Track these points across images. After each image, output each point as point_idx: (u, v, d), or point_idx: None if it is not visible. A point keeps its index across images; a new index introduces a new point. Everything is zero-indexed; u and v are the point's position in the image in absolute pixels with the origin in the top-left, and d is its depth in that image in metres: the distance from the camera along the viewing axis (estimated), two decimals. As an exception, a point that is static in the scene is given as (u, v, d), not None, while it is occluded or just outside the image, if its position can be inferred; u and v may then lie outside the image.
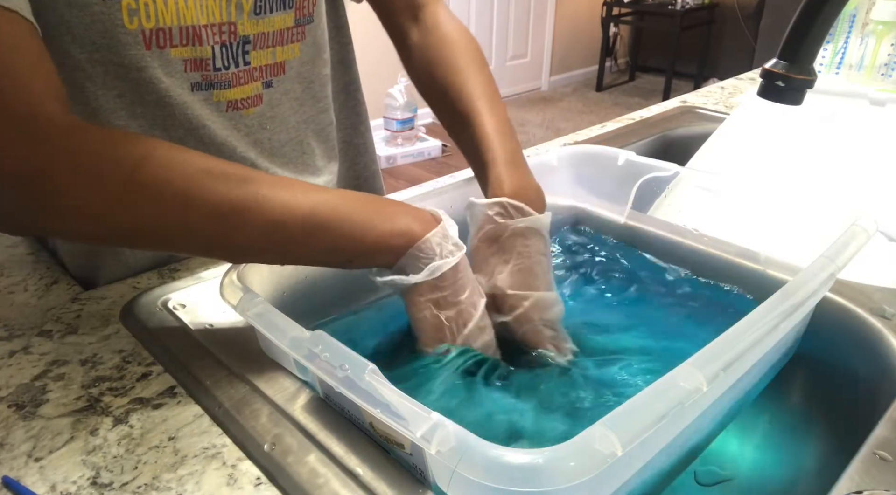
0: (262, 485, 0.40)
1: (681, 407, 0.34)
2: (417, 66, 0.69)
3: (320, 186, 0.48)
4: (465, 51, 0.66)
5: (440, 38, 0.67)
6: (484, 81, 0.63)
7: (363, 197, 0.48)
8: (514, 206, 0.53)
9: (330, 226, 0.45)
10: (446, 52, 0.66)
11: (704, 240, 0.65)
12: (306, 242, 0.45)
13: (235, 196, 0.43)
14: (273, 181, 0.45)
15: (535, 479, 0.30)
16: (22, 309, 0.58)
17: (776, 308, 0.42)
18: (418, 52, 0.69)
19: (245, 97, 0.64)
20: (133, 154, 0.41)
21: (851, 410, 0.57)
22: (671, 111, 1.14)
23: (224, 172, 0.43)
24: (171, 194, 0.42)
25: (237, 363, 0.49)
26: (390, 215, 0.47)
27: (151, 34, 0.55)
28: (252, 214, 0.43)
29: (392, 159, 3.39)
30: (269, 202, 0.44)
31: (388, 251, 0.47)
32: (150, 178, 0.41)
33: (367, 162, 0.85)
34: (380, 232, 0.46)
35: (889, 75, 1.14)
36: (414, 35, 0.69)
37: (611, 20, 4.63)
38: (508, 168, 0.56)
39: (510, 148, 0.58)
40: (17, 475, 0.40)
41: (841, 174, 0.80)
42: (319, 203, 0.45)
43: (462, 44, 0.67)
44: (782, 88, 0.51)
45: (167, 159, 0.42)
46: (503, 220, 0.53)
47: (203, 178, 0.42)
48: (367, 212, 0.46)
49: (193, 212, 0.42)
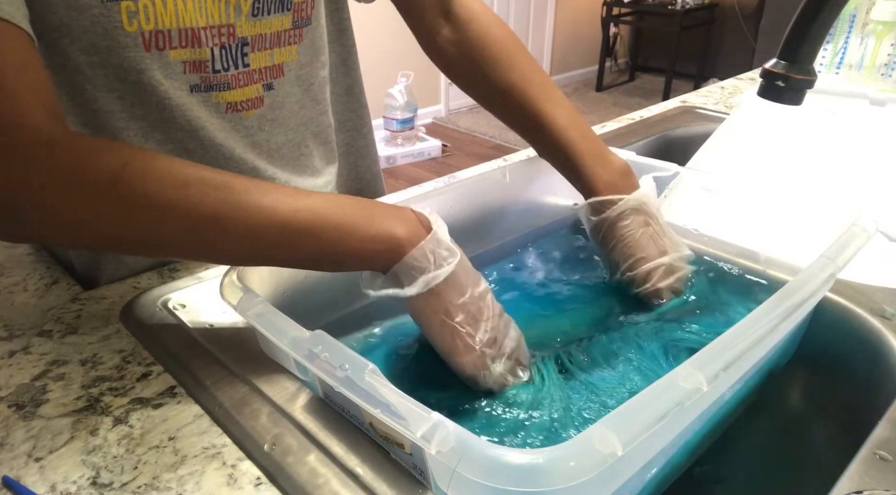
0: (262, 485, 0.40)
1: (681, 407, 0.34)
2: (457, 64, 0.69)
3: (303, 191, 0.46)
4: (511, 45, 0.68)
5: (478, 33, 0.68)
6: (541, 75, 0.67)
7: (347, 201, 0.47)
8: (605, 202, 0.60)
9: (312, 232, 0.44)
10: (491, 49, 0.67)
11: (704, 240, 0.65)
12: (290, 248, 0.45)
13: (213, 205, 0.42)
14: (253, 187, 0.44)
15: (535, 479, 0.31)
16: (22, 309, 0.58)
17: (776, 308, 0.42)
18: (454, 48, 0.69)
19: (245, 99, 0.64)
20: (111, 166, 0.41)
21: (851, 410, 0.57)
22: (671, 111, 1.14)
23: (202, 181, 0.43)
24: (148, 206, 0.42)
25: (237, 363, 0.49)
26: (373, 219, 0.45)
27: (151, 36, 0.55)
28: (231, 223, 0.43)
29: (392, 159, 3.39)
30: (247, 210, 0.43)
31: (373, 256, 0.45)
32: (128, 190, 0.41)
33: (369, 164, 0.85)
34: (362, 236, 0.45)
35: (889, 75, 1.14)
36: (445, 31, 0.69)
37: (611, 20, 4.63)
38: (595, 165, 0.62)
39: (589, 139, 0.63)
40: (17, 475, 0.40)
41: (841, 174, 0.80)
42: (300, 209, 0.44)
43: (504, 37, 0.68)
44: (782, 88, 0.51)
45: (144, 170, 0.42)
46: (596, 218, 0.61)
47: (180, 188, 0.42)
48: (350, 217, 0.45)
49: (172, 223, 0.42)
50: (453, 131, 3.98)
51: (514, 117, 0.67)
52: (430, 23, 0.69)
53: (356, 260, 0.46)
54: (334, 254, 0.45)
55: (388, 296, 0.46)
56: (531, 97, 0.64)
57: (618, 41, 5.05)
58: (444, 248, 0.46)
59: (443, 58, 0.70)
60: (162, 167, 0.43)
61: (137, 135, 0.60)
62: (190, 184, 0.43)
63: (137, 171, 0.42)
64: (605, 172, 0.61)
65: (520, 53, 0.68)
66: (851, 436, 0.45)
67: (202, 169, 0.44)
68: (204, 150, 0.63)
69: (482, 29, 0.68)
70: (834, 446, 0.58)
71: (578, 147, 0.62)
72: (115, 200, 0.42)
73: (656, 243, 0.60)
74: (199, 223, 0.43)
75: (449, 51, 0.69)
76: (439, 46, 0.70)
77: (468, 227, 0.66)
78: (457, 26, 0.68)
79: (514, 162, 0.73)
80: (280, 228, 0.44)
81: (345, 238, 0.45)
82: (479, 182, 0.68)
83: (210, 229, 0.43)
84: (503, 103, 0.67)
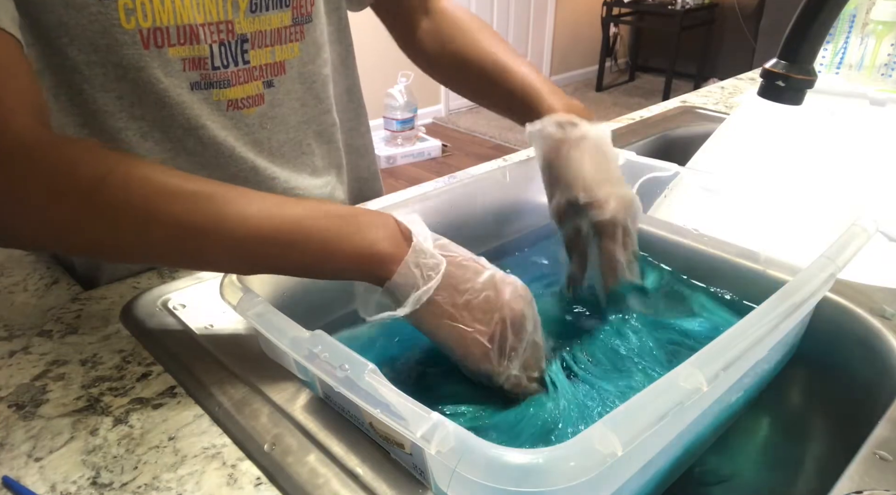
0: (262, 485, 0.40)
1: (681, 407, 0.34)
2: (430, 50, 0.72)
3: (289, 200, 0.46)
4: (479, 26, 0.72)
5: (451, 21, 0.72)
6: (503, 43, 0.69)
7: (332, 212, 0.46)
8: (568, 121, 0.60)
9: (296, 246, 0.44)
10: (461, 29, 0.71)
11: (704, 240, 0.65)
12: (276, 259, 0.45)
13: (195, 216, 0.42)
14: (237, 197, 0.44)
15: (535, 479, 0.30)
16: (22, 309, 0.58)
17: (776, 308, 0.42)
18: (429, 37, 0.72)
19: (246, 96, 0.64)
20: (93, 174, 0.41)
21: (851, 410, 0.57)
22: (671, 111, 1.14)
23: (184, 191, 0.43)
24: (129, 216, 0.42)
25: (237, 363, 0.49)
26: (356, 233, 0.44)
27: (149, 33, 0.55)
28: (214, 235, 0.43)
29: (392, 159, 3.38)
30: (230, 222, 0.43)
31: (358, 271, 0.45)
32: (108, 200, 0.41)
33: (367, 164, 0.85)
34: (346, 252, 0.44)
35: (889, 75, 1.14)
36: (424, 24, 0.72)
37: (611, 20, 4.63)
38: (553, 96, 0.62)
39: (548, 83, 0.64)
40: (17, 475, 0.40)
41: (841, 174, 0.80)
42: (285, 221, 0.44)
43: (473, 21, 0.72)
44: (782, 88, 0.51)
45: (126, 179, 0.42)
46: (560, 134, 0.60)
47: (162, 199, 0.42)
48: (334, 231, 0.44)
49: (153, 234, 0.42)
50: (453, 131, 3.98)
51: (479, 78, 0.68)
52: (413, 21, 0.73)
53: (342, 273, 0.45)
54: (319, 269, 0.45)
55: (383, 319, 0.45)
56: (496, 56, 0.67)
57: (618, 41, 5.05)
58: (429, 257, 0.44)
59: (419, 49, 0.73)
60: (146, 176, 0.42)
61: (136, 135, 0.60)
62: (174, 193, 0.42)
63: (120, 180, 0.42)
64: (565, 101, 0.62)
65: (490, 31, 0.71)
66: (851, 436, 0.45)
67: (186, 178, 0.44)
68: (204, 149, 0.63)
69: (454, 18, 0.73)
70: (834, 446, 0.58)
71: (537, 84, 0.64)
72: (97, 208, 0.41)
73: (612, 171, 0.60)
74: (182, 234, 0.43)
75: (425, 40, 0.72)
76: (417, 39, 0.73)
77: (468, 227, 0.66)
78: (432, 19, 0.73)
79: (514, 162, 0.73)
80: (263, 241, 0.43)
81: (328, 254, 0.44)
82: (479, 182, 0.68)
83: (194, 239, 0.43)
84: (468, 70, 0.69)
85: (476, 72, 0.68)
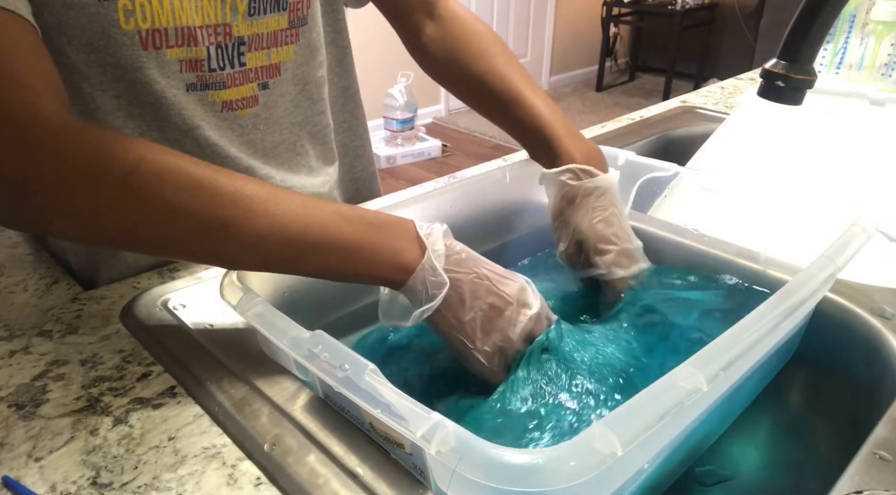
0: (262, 485, 0.40)
1: (681, 407, 0.34)
2: (440, 58, 0.70)
3: (317, 202, 0.46)
4: (489, 38, 0.70)
5: (461, 29, 0.70)
6: (517, 65, 0.68)
7: (357, 217, 0.46)
8: (583, 170, 0.60)
9: (319, 250, 0.45)
10: (472, 41, 0.70)
11: (704, 240, 0.65)
12: (296, 261, 0.45)
13: (223, 212, 0.42)
14: (266, 196, 0.44)
15: (535, 479, 0.30)
16: (22, 309, 0.58)
17: (776, 308, 0.42)
18: (438, 44, 0.70)
19: (241, 98, 0.64)
20: (126, 160, 0.41)
21: (851, 410, 0.57)
22: (671, 111, 1.14)
23: (215, 185, 0.43)
24: (158, 205, 0.42)
25: (237, 363, 0.49)
26: (380, 243, 0.45)
27: (147, 35, 0.55)
28: (240, 231, 0.43)
29: (392, 159, 3.39)
30: (256, 221, 0.43)
31: (380, 278, 0.46)
32: (140, 187, 0.41)
33: (364, 164, 0.85)
34: (368, 260, 0.45)
35: (889, 75, 1.14)
36: (429, 29, 0.71)
37: (611, 20, 4.63)
38: (570, 138, 0.62)
39: (564, 121, 0.64)
40: (17, 475, 0.40)
41: (841, 174, 0.80)
42: (310, 224, 0.44)
43: (484, 32, 0.70)
44: (782, 88, 0.51)
45: (159, 168, 0.42)
46: (575, 183, 0.60)
47: (192, 191, 0.42)
48: (357, 237, 0.45)
49: (179, 225, 0.42)
50: (453, 131, 3.98)
51: (491, 99, 0.67)
52: (416, 24, 0.71)
53: (361, 278, 0.47)
54: (340, 274, 0.46)
55: (394, 325, 0.48)
56: (510, 81, 0.66)
57: (618, 41, 5.05)
58: (437, 276, 0.46)
59: (427, 54, 0.72)
60: (176, 166, 0.42)
61: (134, 134, 0.60)
62: (204, 187, 0.42)
63: (153, 168, 0.41)
64: (582, 146, 0.62)
65: (500, 46, 0.70)
66: (851, 436, 0.45)
67: (217, 171, 0.44)
68: (199, 150, 0.63)
69: (463, 25, 0.71)
70: (834, 446, 0.58)
71: (555, 123, 0.63)
72: (125, 196, 0.41)
73: (622, 227, 0.61)
74: (208, 228, 0.43)
75: (432, 47, 0.71)
76: (423, 43, 0.71)
77: (468, 227, 0.66)
78: (439, 24, 0.71)
79: (514, 162, 0.73)
80: (287, 242, 0.44)
81: (351, 260, 0.45)
82: (479, 182, 0.68)
83: (219, 236, 0.43)
84: (481, 88, 0.68)
85: (488, 94, 0.67)
